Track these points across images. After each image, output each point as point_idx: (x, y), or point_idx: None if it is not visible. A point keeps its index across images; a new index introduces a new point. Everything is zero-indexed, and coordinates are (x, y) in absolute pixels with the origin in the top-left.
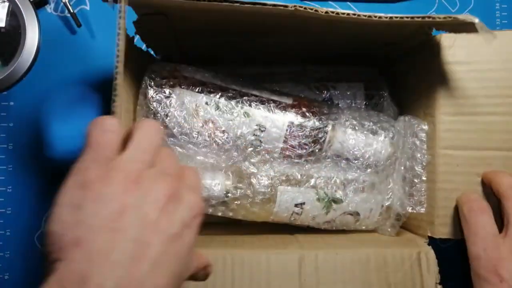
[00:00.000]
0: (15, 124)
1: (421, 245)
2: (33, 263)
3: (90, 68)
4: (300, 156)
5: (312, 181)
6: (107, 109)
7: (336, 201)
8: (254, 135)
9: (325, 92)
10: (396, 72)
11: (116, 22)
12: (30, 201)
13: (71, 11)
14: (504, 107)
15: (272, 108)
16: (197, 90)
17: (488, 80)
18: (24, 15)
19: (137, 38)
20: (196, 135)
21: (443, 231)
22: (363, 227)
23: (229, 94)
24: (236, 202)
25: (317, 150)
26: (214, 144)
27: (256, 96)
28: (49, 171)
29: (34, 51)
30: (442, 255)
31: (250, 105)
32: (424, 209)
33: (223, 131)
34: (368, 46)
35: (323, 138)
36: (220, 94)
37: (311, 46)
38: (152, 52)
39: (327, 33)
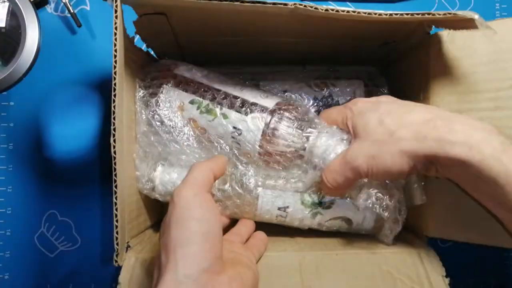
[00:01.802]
0: (15, 124)
1: (420, 245)
2: (34, 262)
3: (90, 68)
4: (278, 162)
5: (296, 186)
6: (107, 107)
7: (322, 204)
8: (232, 137)
9: (325, 89)
10: (396, 71)
11: (113, 20)
12: (30, 201)
13: (71, 11)
14: (491, 102)
15: (249, 111)
16: (183, 89)
17: (483, 74)
18: (24, 15)
19: (137, 38)
20: (179, 133)
21: (438, 230)
22: (354, 231)
23: (213, 95)
24: (219, 202)
25: (297, 156)
26: (195, 143)
27: (237, 98)
28: (49, 171)
29: (34, 51)
30: (442, 255)
31: (230, 107)
32: (425, 198)
33: (204, 131)
34: (368, 45)
35: (303, 145)
36: (204, 94)
37: (311, 46)
38: (152, 53)
39: (327, 32)
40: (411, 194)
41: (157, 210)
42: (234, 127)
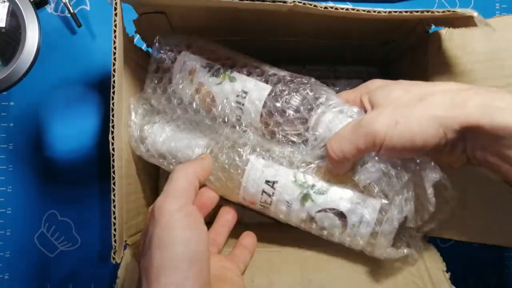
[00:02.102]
0: (15, 124)
1: (419, 244)
2: (33, 263)
3: (90, 68)
4: (278, 124)
5: (291, 160)
6: (107, 108)
7: (315, 188)
8: (237, 102)
9: None
10: (396, 71)
11: (112, 20)
12: (30, 201)
13: (71, 11)
14: None
15: (259, 75)
16: (199, 54)
17: (481, 72)
18: (24, 15)
19: (137, 38)
20: (188, 98)
21: (438, 230)
22: (348, 239)
23: (225, 60)
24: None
25: (301, 127)
26: (202, 112)
27: (246, 64)
28: (49, 171)
29: (34, 51)
30: (442, 255)
31: (239, 71)
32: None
33: (209, 95)
34: (368, 45)
35: (309, 116)
36: (217, 59)
37: (311, 45)
38: None
39: (326, 32)
40: (423, 174)
41: None
42: (241, 90)
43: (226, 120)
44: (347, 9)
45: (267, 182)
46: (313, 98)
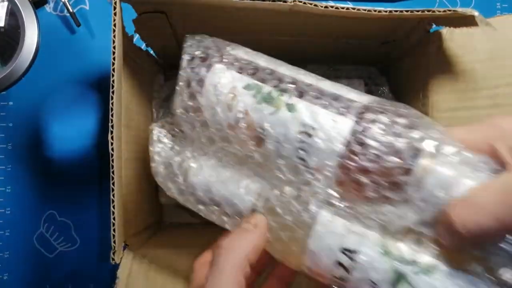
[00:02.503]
0: (15, 124)
1: None
2: (33, 263)
3: (89, 67)
4: (366, 173)
5: (383, 224)
6: (106, 108)
7: (416, 266)
8: (301, 141)
9: None
10: (396, 71)
11: (112, 19)
12: (30, 201)
13: (71, 10)
14: (489, 100)
15: (331, 104)
16: (237, 69)
17: (481, 71)
18: (23, 15)
19: (137, 37)
20: (229, 130)
21: None
22: None
23: (278, 79)
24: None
25: (400, 180)
26: (250, 143)
27: (311, 85)
28: (48, 171)
29: (33, 51)
30: None
31: (300, 97)
32: None
33: (257, 128)
34: (368, 44)
35: (409, 167)
36: (265, 78)
37: (311, 45)
38: (152, 52)
39: (327, 31)
40: None
41: (156, 211)
42: (304, 125)
43: (284, 158)
44: (347, 8)
45: (344, 250)
46: (420, 139)
